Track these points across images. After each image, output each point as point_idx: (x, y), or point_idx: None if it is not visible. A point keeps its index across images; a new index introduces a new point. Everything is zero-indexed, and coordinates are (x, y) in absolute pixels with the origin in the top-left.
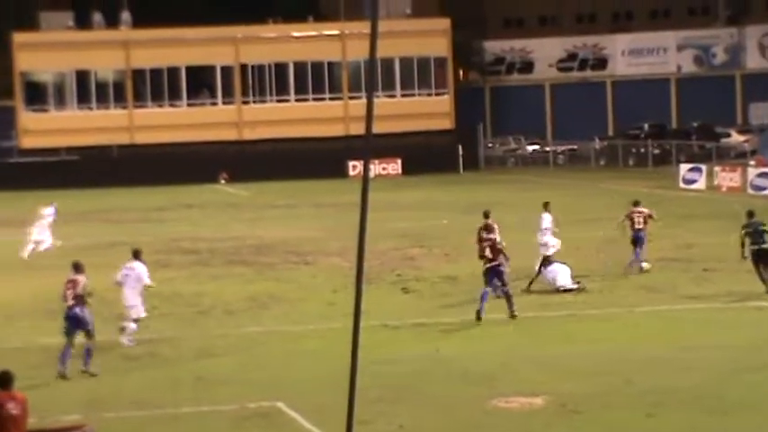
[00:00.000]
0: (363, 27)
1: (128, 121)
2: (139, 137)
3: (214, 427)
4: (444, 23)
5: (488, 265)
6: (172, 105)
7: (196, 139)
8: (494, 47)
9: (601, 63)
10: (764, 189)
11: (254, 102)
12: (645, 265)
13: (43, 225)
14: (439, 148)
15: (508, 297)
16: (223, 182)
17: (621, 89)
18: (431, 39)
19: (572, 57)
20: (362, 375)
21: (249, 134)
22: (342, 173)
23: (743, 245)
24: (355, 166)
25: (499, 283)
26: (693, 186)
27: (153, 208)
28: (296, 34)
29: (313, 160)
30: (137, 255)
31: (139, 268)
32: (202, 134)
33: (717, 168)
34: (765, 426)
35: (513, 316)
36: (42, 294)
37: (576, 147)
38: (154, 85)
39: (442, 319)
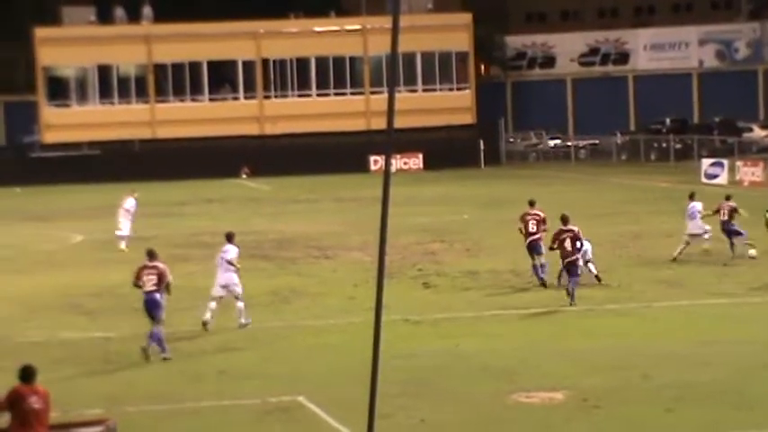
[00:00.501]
0: (385, 22)
1: (149, 115)
2: (161, 131)
3: (236, 421)
4: (466, 18)
5: (568, 259)
6: (193, 100)
7: (218, 134)
8: (515, 41)
9: (622, 58)
10: None
11: (276, 96)
12: (752, 251)
13: (126, 216)
14: (460, 143)
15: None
16: (245, 176)
17: (643, 84)
18: (452, 33)
19: (594, 51)
20: (383, 370)
21: (271, 129)
22: (363, 167)
23: None
24: (377, 161)
25: (573, 277)
26: (715, 181)
27: (174, 202)
28: (317, 29)
29: (334, 155)
30: (230, 238)
31: (231, 251)
32: (224, 129)
33: (739, 163)
34: None
35: (571, 304)
36: (64, 289)
37: (597, 141)
38: (175, 80)
39: (463, 313)
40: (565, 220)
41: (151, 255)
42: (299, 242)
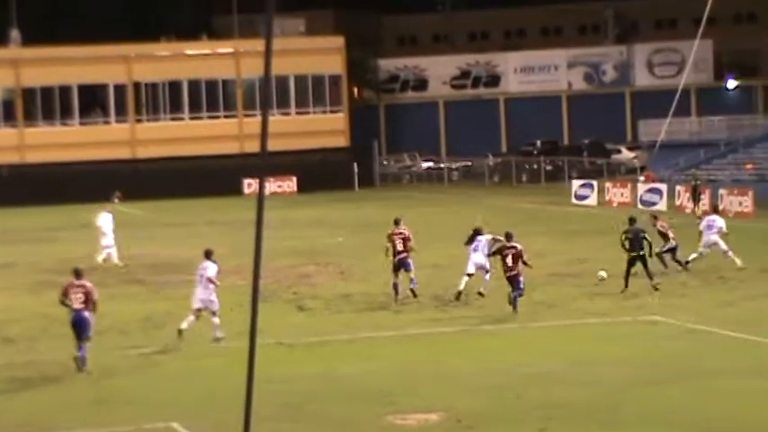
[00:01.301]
0: (257, 45)
1: (18, 140)
2: (30, 156)
3: None
4: (338, 41)
5: (509, 273)
6: (64, 124)
7: (89, 158)
8: (388, 65)
9: (493, 80)
10: (654, 204)
11: (148, 120)
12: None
13: (109, 229)
14: (334, 166)
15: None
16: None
17: (514, 106)
18: (325, 57)
19: (465, 74)
20: (258, 394)
21: (143, 152)
22: (237, 190)
23: (624, 248)
24: (250, 184)
25: (513, 290)
26: (585, 202)
27: (45, 228)
28: (189, 52)
29: (208, 178)
30: (208, 255)
31: (211, 268)
32: (95, 153)
33: (608, 184)
34: None
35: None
36: None
37: (470, 163)
38: (45, 104)
39: (338, 336)
40: (509, 237)
41: (78, 273)
42: (172, 266)
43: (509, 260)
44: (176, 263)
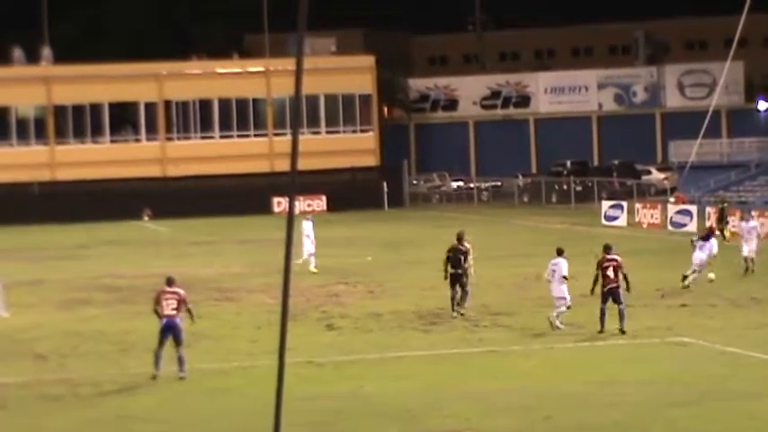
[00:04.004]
0: (288, 64)
1: (49, 157)
2: (61, 173)
3: None
4: (369, 61)
5: (609, 286)
6: (94, 142)
7: (119, 176)
8: (418, 84)
9: (524, 101)
10: (684, 225)
11: (179, 138)
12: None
13: (308, 237)
14: (364, 185)
15: (622, 315)
16: (147, 218)
17: (544, 126)
18: (356, 76)
19: (495, 94)
20: (286, 412)
21: (173, 171)
22: (266, 209)
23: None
24: (280, 203)
25: (615, 303)
26: (615, 223)
27: (75, 245)
28: (220, 71)
29: (237, 197)
30: (560, 252)
31: (562, 263)
32: (126, 171)
33: (638, 205)
34: None
35: (622, 331)
36: None
37: (499, 183)
38: (76, 122)
39: (367, 355)
40: (607, 249)
41: (170, 281)
42: (200, 284)
43: (610, 272)
44: (204, 281)
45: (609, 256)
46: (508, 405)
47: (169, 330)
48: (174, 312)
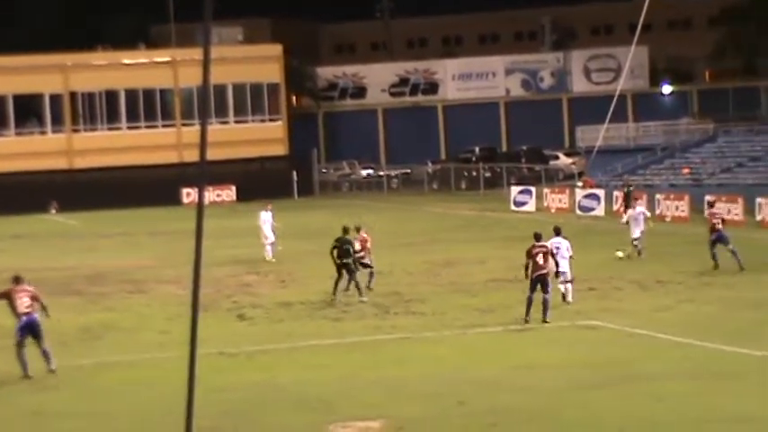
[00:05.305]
0: (195, 54)
1: None
2: None
3: None
4: (276, 49)
5: (538, 273)
6: None
7: (25, 169)
8: (326, 72)
9: (432, 88)
10: (592, 210)
11: (85, 130)
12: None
13: (268, 227)
14: (273, 174)
15: (546, 305)
16: (54, 211)
17: (452, 113)
18: (263, 65)
19: (404, 82)
20: (199, 403)
21: (80, 163)
22: (176, 200)
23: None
24: (189, 194)
25: (543, 291)
26: (524, 208)
27: None
28: (127, 61)
29: (146, 188)
30: (558, 231)
31: (563, 242)
32: (31, 163)
33: (546, 190)
34: None
35: (545, 321)
36: None
37: (409, 171)
38: None
39: (279, 345)
40: (537, 237)
41: (17, 279)
42: (111, 277)
43: (539, 259)
44: (115, 273)
45: (538, 244)
46: (421, 392)
47: (28, 328)
48: (30, 309)
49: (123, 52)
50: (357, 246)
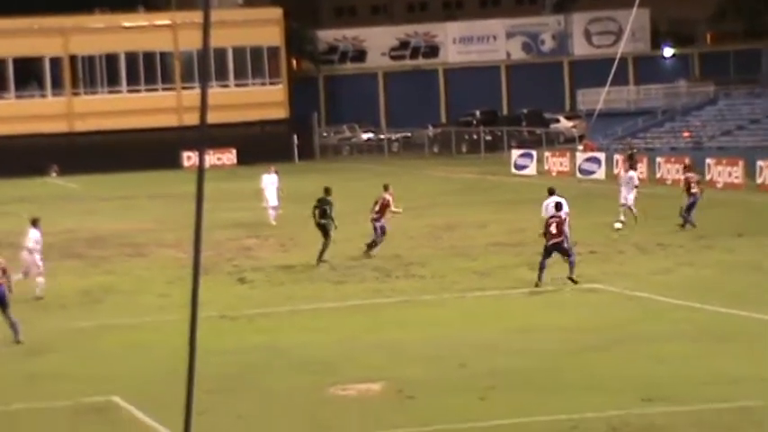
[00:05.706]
0: (195, 17)
1: None
2: None
3: (48, 423)
4: (276, 13)
5: (553, 242)
6: None
7: (25, 132)
8: (327, 36)
9: (432, 51)
10: (592, 173)
11: (85, 93)
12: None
13: (271, 190)
14: (274, 138)
15: (571, 265)
16: (54, 175)
17: (453, 77)
18: (263, 28)
19: (404, 45)
20: (200, 366)
21: (80, 126)
22: (176, 164)
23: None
24: (189, 157)
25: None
26: (524, 172)
27: None
28: (126, 24)
29: (146, 151)
30: (551, 192)
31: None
32: (31, 127)
33: (547, 154)
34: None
35: (573, 280)
36: None
37: (410, 134)
38: None
39: (280, 308)
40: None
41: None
42: (111, 240)
43: (553, 228)
44: (115, 236)
45: (554, 214)
46: (422, 354)
47: None
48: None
49: (123, 15)
50: (377, 207)
